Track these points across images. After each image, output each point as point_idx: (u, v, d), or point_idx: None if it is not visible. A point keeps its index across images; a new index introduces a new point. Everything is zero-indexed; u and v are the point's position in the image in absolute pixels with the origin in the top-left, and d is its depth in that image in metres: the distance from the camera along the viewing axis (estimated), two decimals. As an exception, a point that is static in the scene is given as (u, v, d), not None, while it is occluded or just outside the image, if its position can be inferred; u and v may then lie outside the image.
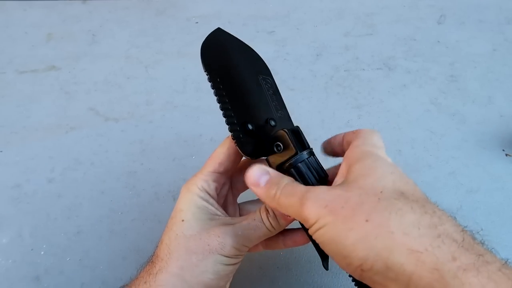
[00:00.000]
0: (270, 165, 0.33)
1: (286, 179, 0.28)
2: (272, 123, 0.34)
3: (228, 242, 0.29)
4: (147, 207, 0.45)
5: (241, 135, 0.32)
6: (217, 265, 0.29)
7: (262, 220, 0.31)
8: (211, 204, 0.32)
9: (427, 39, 0.66)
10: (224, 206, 0.35)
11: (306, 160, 0.31)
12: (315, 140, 0.51)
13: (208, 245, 0.29)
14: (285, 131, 0.31)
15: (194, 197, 0.32)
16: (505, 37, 0.66)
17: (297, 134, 0.32)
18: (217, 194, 0.34)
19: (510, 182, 0.47)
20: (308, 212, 0.25)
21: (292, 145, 0.31)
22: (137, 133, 0.53)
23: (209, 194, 0.32)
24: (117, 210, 0.45)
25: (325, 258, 0.32)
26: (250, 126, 0.32)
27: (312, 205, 0.25)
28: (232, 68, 0.34)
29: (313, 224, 0.24)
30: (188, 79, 0.60)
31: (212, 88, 0.32)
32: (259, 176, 0.28)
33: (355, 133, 0.30)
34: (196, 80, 0.60)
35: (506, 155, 0.49)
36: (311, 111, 0.55)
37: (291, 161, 0.31)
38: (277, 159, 0.32)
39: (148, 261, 0.32)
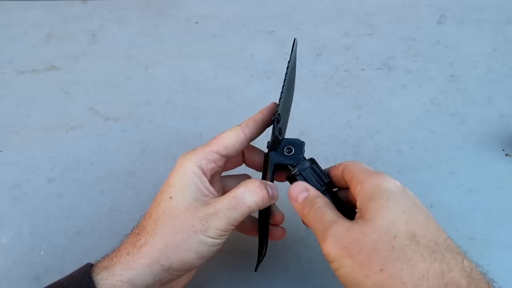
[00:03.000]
0: (265, 160, 0.35)
1: (320, 201, 0.30)
2: (278, 117, 0.36)
3: (212, 225, 0.30)
4: (147, 207, 0.45)
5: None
6: (201, 246, 0.30)
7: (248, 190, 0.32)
8: (203, 182, 0.32)
9: (427, 39, 0.66)
10: (211, 182, 0.35)
11: (309, 168, 0.33)
12: (314, 140, 0.52)
13: (193, 226, 0.30)
14: (302, 142, 0.34)
15: (188, 171, 0.32)
16: (505, 37, 0.66)
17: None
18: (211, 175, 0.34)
19: (510, 182, 0.47)
20: (327, 248, 0.27)
21: (302, 155, 0.34)
22: (137, 133, 0.53)
23: (204, 173, 0.33)
24: (117, 210, 0.45)
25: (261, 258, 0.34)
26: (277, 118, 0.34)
27: (332, 243, 0.27)
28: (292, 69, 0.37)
29: (332, 261, 0.27)
30: (188, 79, 0.60)
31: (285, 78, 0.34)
32: (298, 192, 0.31)
33: (350, 169, 0.31)
34: (196, 80, 0.60)
35: (506, 155, 0.49)
36: (310, 111, 0.55)
37: (297, 169, 0.33)
38: (279, 159, 0.34)
39: (133, 232, 0.32)
